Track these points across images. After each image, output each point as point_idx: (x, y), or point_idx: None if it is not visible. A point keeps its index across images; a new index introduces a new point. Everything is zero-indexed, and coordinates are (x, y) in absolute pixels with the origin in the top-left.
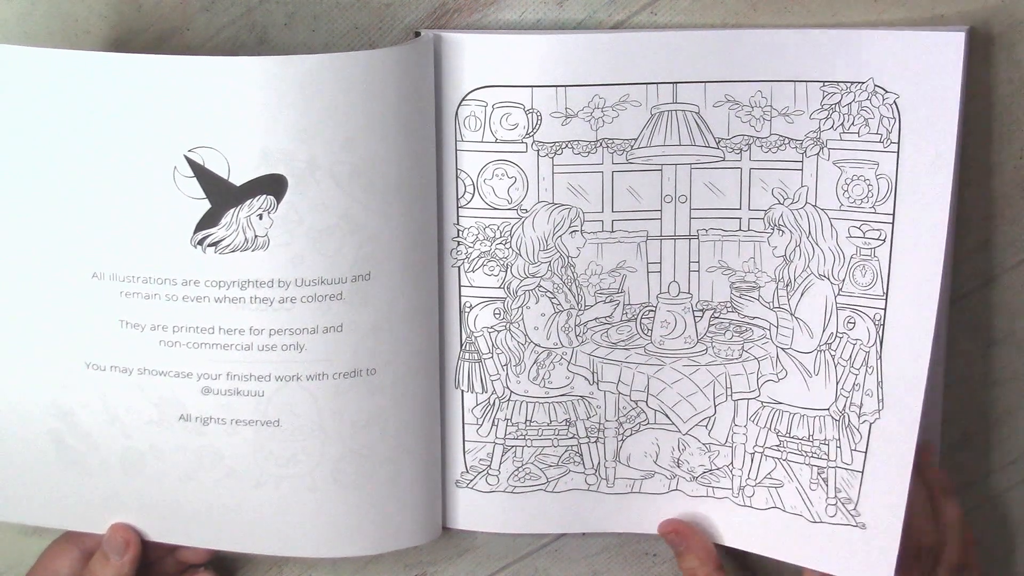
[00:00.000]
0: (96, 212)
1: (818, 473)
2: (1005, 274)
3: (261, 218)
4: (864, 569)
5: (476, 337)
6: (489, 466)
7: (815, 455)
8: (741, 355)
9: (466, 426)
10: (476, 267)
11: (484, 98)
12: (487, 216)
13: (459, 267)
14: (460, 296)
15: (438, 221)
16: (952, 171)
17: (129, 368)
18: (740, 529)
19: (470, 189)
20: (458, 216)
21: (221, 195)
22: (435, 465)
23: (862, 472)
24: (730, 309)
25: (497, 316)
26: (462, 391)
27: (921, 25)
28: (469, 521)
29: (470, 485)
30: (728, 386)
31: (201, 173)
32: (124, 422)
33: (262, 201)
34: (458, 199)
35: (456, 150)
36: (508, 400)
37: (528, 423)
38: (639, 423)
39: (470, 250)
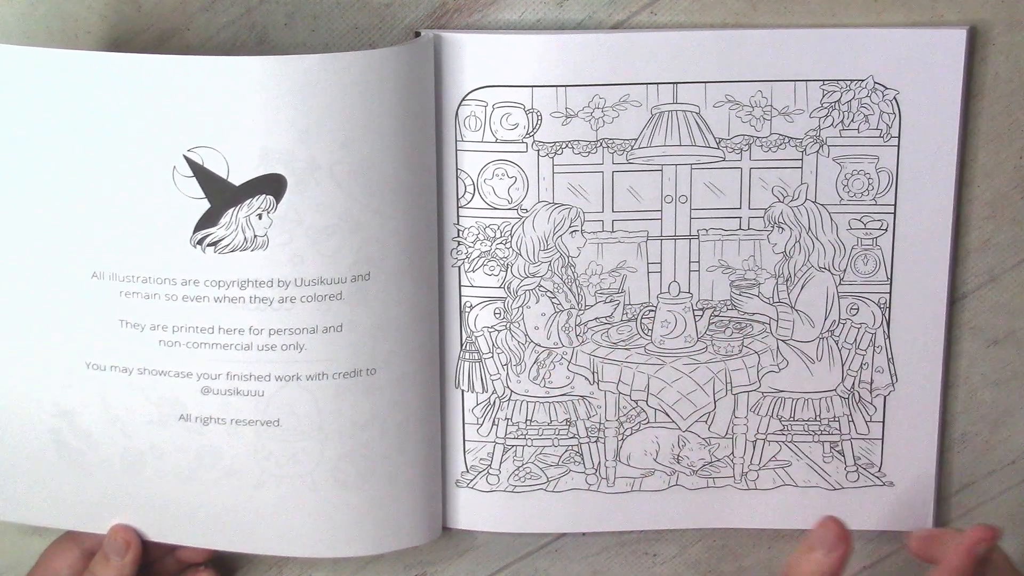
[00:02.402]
0: (96, 212)
1: (831, 447)
2: (1005, 274)
3: (260, 218)
4: (900, 520)
5: (476, 337)
6: (489, 466)
7: (826, 432)
8: (741, 350)
9: (466, 426)
10: (476, 267)
11: (484, 98)
12: (487, 216)
13: (459, 267)
14: (460, 296)
15: (438, 221)
16: (955, 160)
17: (129, 368)
18: (744, 510)
19: (470, 189)
20: (458, 216)
21: (220, 195)
22: (435, 465)
23: (882, 439)
24: (730, 307)
25: (497, 316)
26: (462, 391)
27: (921, 25)
28: (469, 521)
29: (470, 485)
30: (728, 381)
31: (200, 173)
32: (124, 422)
33: (261, 201)
34: (458, 199)
35: (456, 150)
36: (508, 400)
37: (528, 423)
38: (639, 422)
39: (470, 250)
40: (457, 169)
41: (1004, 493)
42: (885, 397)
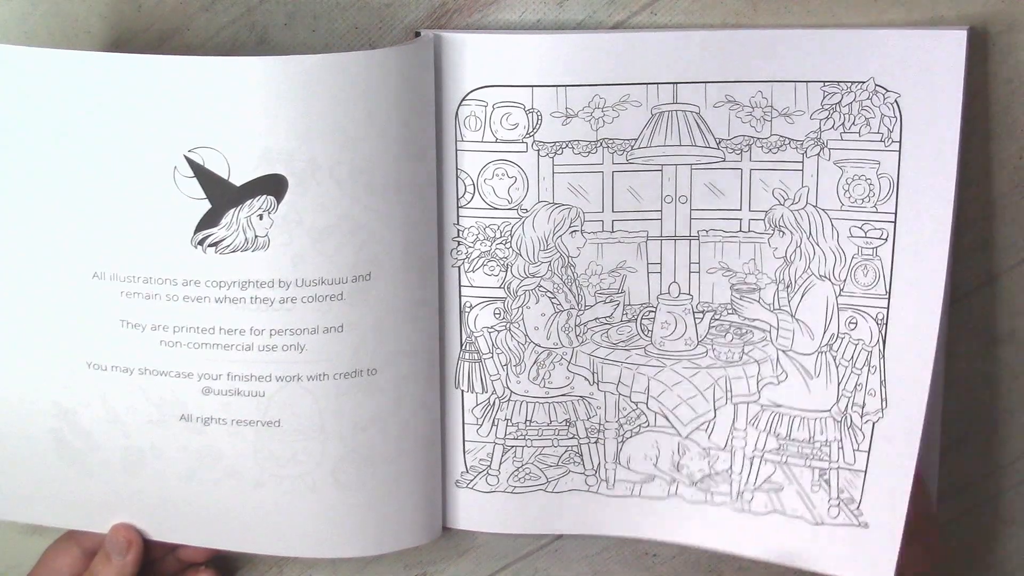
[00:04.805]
0: (96, 212)
1: (819, 475)
2: (1005, 274)
3: (261, 218)
4: (866, 569)
5: (476, 337)
6: (489, 466)
7: (816, 457)
8: (741, 358)
9: (466, 426)
10: (476, 267)
11: (484, 98)
12: (487, 216)
13: (459, 267)
14: (460, 296)
15: (438, 221)
16: (955, 169)
17: (130, 368)
18: (738, 535)
19: (470, 189)
20: (458, 216)
21: (221, 195)
22: (435, 465)
23: (865, 472)
24: (731, 311)
25: (497, 316)
26: (462, 391)
27: (921, 25)
28: (469, 521)
29: (470, 485)
30: (728, 389)
31: (201, 173)
32: (125, 422)
33: (262, 201)
34: (458, 199)
35: (456, 150)
36: (508, 400)
37: (528, 423)
38: (639, 425)
39: (470, 250)
40: (457, 169)
41: (1003, 493)
42: (874, 424)
